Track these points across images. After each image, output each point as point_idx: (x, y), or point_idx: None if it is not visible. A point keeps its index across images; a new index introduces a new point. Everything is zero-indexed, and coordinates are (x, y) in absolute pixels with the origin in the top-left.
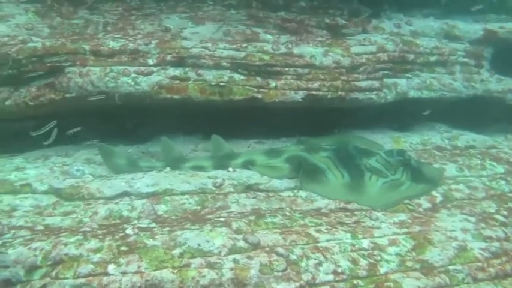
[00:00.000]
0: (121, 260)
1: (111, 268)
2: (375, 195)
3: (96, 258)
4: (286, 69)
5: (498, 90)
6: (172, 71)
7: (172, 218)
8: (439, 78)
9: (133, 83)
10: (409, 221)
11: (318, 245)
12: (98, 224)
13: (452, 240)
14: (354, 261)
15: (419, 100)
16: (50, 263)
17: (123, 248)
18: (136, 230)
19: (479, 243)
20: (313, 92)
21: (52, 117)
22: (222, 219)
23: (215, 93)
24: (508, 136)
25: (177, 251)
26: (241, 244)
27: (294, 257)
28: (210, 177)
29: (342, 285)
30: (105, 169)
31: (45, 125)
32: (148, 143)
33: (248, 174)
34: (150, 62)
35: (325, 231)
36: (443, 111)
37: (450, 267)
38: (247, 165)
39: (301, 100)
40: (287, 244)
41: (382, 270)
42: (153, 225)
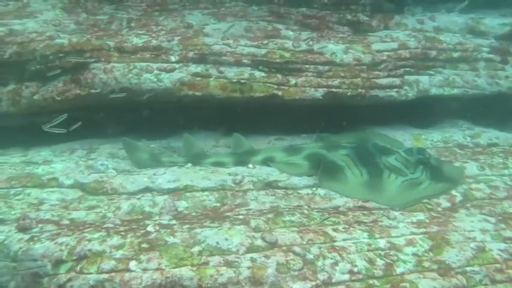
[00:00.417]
0: (142, 257)
1: (133, 265)
2: (393, 194)
3: (118, 254)
4: (307, 66)
5: None
6: (194, 68)
7: (192, 214)
8: (462, 75)
9: (155, 79)
10: (427, 220)
11: (335, 244)
12: (120, 220)
13: (471, 240)
14: (371, 261)
15: (441, 97)
16: (75, 258)
17: (144, 245)
18: (157, 227)
19: (498, 244)
20: (333, 90)
21: (78, 111)
22: (241, 217)
23: (236, 91)
24: None
25: (196, 249)
26: (259, 243)
27: (311, 256)
28: (230, 174)
29: (357, 285)
30: (128, 163)
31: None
32: (170, 138)
33: (268, 171)
34: (173, 58)
35: (343, 230)
36: (466, 108)
37: (468, 269)
38: (266, 162)
39: (321, 97)
40: (304, 243)
41: (399, 271)
42: (174, 221)
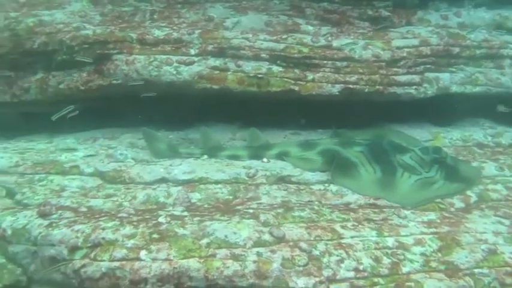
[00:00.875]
0: (152, 247)
1: (143, 254)
2: (405, 193)
3: (130, 243)
4: (325, 62)
5: None
6: (212, 62)
7: (205, 206)
8: (486, 73)
9: (175, 72)
10: (438, 220)
11: (342, 241)
12: (135, 210)
13: (482, 242)
14: (377, 259)
15: (462, 95)
16: (89, 245)
17: (155, 236)
18: (169, 219)
19: (510, 248)
20: (351, 86)
21: (101, 100)
22: (251, 211)
23: (253, 85)
24: None
25: (204, 241)
26: (267, 237)
27: (317, 252)
28: (244, 167)
29: (362, 282)
30: (147, 153)
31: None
32: (189, 130)
33: (281, 166)
34: (192, 51)
35: (351, 228)
36: (488, 107)
37: (476, 270)
38: (281, 156)
39: (337, 93)
40: (311, 239)
41: (405, 270)
42: (185, 213)
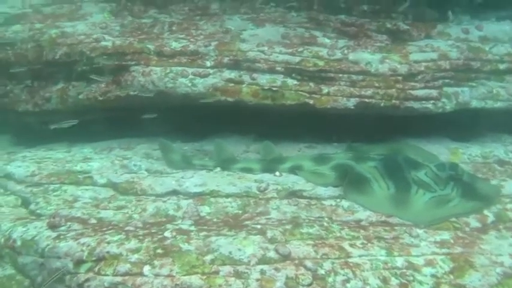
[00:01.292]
0: (156, 263)
1: (146, 269)
2: (419, 210)
3: (134, 258)
4: (340, 75)
5: None
6: (227, 74)
7: (214, 220)
8: (508, 88)
9: (190, 84)
10: (452, 241)
11: (350, 260)
12: (142, 223)
13: (498, 265)
14: (385, 280)
15: (482, 110)
16: (94, 259)
17: (159, 251)
18: (174, 233)
19: None
20: (366, 100)
21: (119, 111)
22: (259, 227)
23: (267, 98)
24: None
25: (208, 257)
26: (272, 255)
27: (322, 271)
28: (256, 181)
29: None
30: (161, 164)
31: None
32: (204, 141)
33: (294, 180)
34: (208, 64)
35: (360, 246)
36: (511, 122)
37: None
38: (294, 170)
39: (353, 107)
40: (318, 257)
41: None
42: (193, 227)
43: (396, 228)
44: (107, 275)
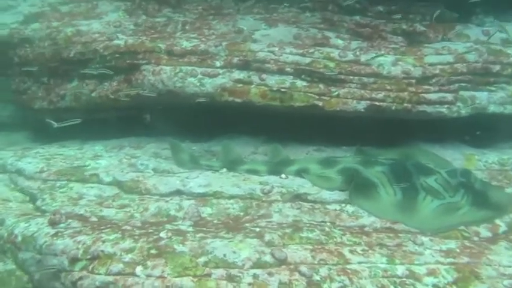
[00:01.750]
0: (148, 263)
1: (139, 270)
2: (426, 218)
3: (127, 258)
4: (351, 77)
5: None
6: (236, 74)
7: (214, 222)
8: None
9: (198, 83)
10: (458, 250)
11: (348, 266)
12: (141, 222)
13: (506, 277)
14: None
15: (501, 115)
16: (88, 257)
17: (153, 251)
18: (170, 234)
19: None
20: (377, 103)
21: (130, 109)
22: (257, 230)
23: (276, 99)
24: None
25: (202, 259)
26: (267, 258)
27: (318, 277)
28: (260, 183)
29: None
30: (169, 164)
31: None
32: (212, 142)
33: (299, 183)
34: (217, 64)
35: (360, 253)
36: None
37: None
38: (300, 173)
39: (363, 110)
40: (315, 263)
41: None
42: (191, 228)
43: (400, 235)
44: (100, 274)
